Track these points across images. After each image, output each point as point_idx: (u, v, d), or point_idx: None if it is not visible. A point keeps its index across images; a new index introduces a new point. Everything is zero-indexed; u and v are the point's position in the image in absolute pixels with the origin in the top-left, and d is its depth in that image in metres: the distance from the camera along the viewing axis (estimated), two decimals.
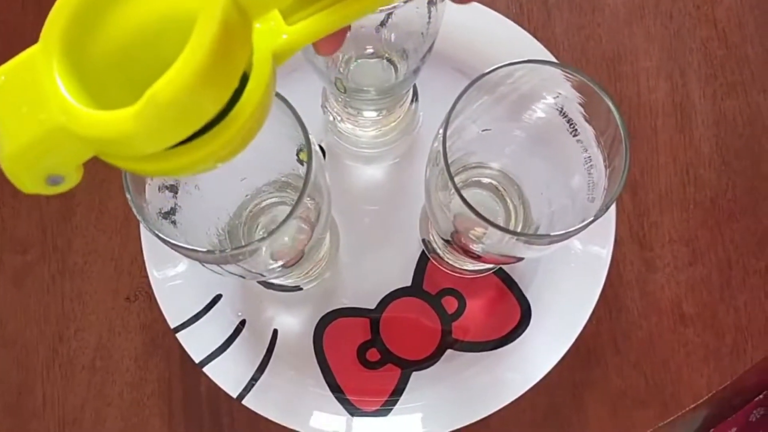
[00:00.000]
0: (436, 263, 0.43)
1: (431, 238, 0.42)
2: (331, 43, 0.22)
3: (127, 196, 0.27)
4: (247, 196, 0.40)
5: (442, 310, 0.42)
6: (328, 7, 0.20)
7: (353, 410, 0.40)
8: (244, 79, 0.19)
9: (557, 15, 0.48)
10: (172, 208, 0.31)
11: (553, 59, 0.44)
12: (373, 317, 0.42)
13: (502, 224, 0.40)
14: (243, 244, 0.38)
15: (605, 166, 0.30)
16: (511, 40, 0.44)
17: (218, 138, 0.19)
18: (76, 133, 0.17)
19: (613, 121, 0.28)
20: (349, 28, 0.22)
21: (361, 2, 0.20)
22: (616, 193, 0.28)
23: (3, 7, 0.49)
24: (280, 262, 0.33)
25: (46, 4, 0.17)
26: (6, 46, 0.48)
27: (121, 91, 0.18)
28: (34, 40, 0.18)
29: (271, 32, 0.20)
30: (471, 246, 0.33)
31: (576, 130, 0.32)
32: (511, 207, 0.40)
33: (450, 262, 0.42)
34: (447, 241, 0.36)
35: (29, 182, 0.18)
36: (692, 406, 0.42)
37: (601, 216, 0.27)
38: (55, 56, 0.18)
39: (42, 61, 0.18)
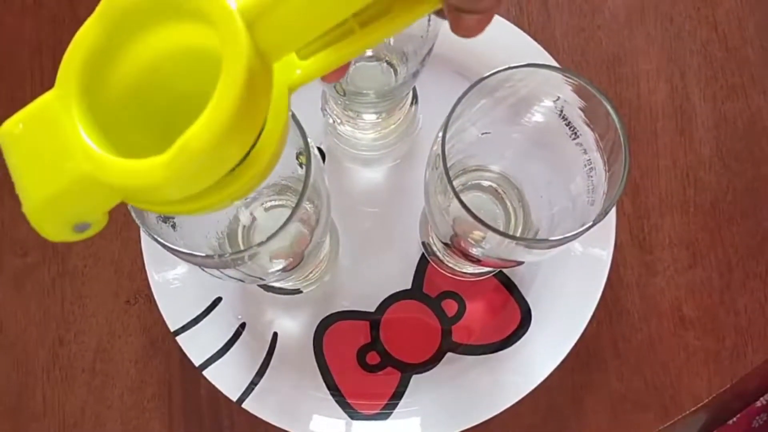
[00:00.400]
0: (436, 266, 0.43)
1: (431, 240, 0.42)
2: (336, 72, 0.23)
3: None
4: (246, 199, 0.39)
5: (442, 313, 0.42)
6: (338, 42, 0.20)
7: (353, 413, 0.40)
8: None
9: (557, 17, 0.48)
10: None
11: (553, 61, 0.44)
12: (373, 320, 0.42)
13: (501, 227, 0.40)
14: (242, 248, 0.38)
15: (605, 170, 0.30)
16: (510, 43, 0.44)
17: (242, 177, 0.19)
18: (106, 182, 0.17)
19: (613, 126, 0.28)
20: None
21: (369, 37, 0.20)
22: (616, 197, 0.28)
23: (1, 9, 0.49)
24: (280, 266, 0.33)
25: (45, 5, 0.17)
26: (4, 47, 0.48)
27: (135, 128, 0.19)
28: (33, 42, 0.18)
29: (286, 68, 0.20)
30: (470, 250, 0.33)
31: (576, 133, 0.32)
32: (510, 210, 0.40)
33: (450, 265, 0.42)
34: (446, 245, 0.36)
35: (56, 231, 0.19)
36: (692, 409, 0.42)
37: (600, 221, 0.27)
38: (74, 104, 0.17)
39: (61, 109, 0.17)
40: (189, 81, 0.18)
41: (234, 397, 0.39)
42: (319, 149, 0.45)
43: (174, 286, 0.41)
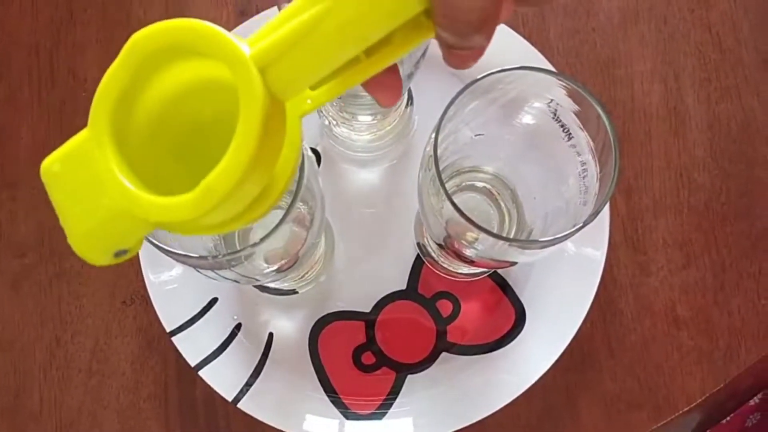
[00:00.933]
0: (430, 267, 0.43)
1: (426, 241, 0.43)
2: (393, 93, 0.24)
3: None
4: None
5: (437, 314, 0.43)
6: (346, 71, 0.21)
7: (348, 413, 0.40)
8: None
9: (552, 19, 0.48)
10: None
11: (548, 63, 0.44)
12: (368, 320, 0.42)
13: (495, 228, 0.40)
14: (237, 248, 0.39)
15: (597, 172, 0.30)
16: (505, 45, 0.44)
17: (260, 206, 0.21)
18: (140, 217, 0.19)
19: (603, 128, 0.28)
20: (399, 80, 0.24)
21: (375, 66, 0.21)
22: (606, 198, 0.28)
23: None
24: (275, 267, 0.33)
25: (43, 7, 0.18)
26: (2, 48, 0.48)
27: (159, 156, 0.21)
28: (31, 43, 0.19)
29: (297, 98, 0.21)
30: (464, 251, 0.33)
31: (569, 134, 0.32)
32: (504, 211, 0.40)
33: (445, 265, 0.42)
34: (440, 246, 0.36)
35: (99, 258, 0.21)
36: (686, 408, 0.42)
37: (591, 221, 0.28)
38: (107, 143, 0.19)
39: (95, 149, 0.19)
40: (207, 108, 0.20)
41: (229, 398, 0.40)
42: (315, 150, 0.45)
43: (170, 286, 0.41)
